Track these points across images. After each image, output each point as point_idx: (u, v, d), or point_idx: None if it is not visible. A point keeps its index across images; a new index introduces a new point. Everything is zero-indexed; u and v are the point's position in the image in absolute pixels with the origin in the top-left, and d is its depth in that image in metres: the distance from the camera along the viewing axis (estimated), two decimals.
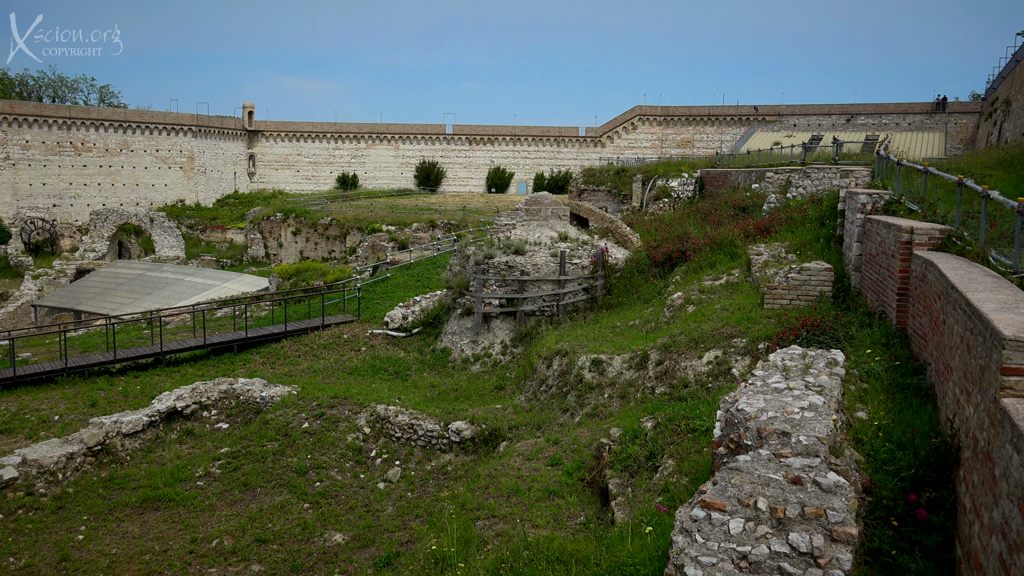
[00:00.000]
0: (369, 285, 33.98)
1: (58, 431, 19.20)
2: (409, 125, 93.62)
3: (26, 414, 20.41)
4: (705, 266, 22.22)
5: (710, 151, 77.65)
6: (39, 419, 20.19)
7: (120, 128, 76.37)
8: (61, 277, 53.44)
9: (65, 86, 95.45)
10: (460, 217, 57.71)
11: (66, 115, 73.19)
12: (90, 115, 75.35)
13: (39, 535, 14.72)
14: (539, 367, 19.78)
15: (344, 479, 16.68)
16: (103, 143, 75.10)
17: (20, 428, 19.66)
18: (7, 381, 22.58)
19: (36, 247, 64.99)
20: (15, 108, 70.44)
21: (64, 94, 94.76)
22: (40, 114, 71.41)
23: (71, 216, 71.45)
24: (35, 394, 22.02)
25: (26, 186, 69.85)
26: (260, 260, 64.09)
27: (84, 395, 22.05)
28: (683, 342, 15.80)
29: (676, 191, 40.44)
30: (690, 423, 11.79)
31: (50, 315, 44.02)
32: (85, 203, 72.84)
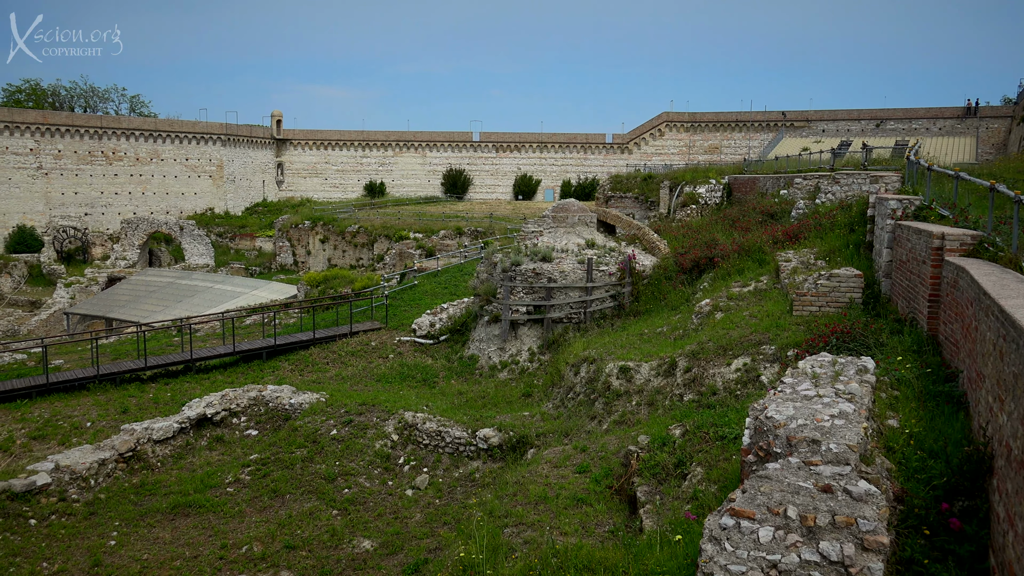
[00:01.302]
0: (396, 292, 34.14)
1: (90, 438, 19.46)
2: (436, 133, 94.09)
3: (59, 420, 20.72)
4: (733, 273, 22.07)
5: (738, 157, 77.21)
6: (71, 425, 20.49)
7: (150, 137, 77.53)
8: (93, 285, 54.29)
9: (96, 96, 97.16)
10: (487, 224, 57.83)
11: (97, 124, 74.42)
12: (121, 124, 76.54)
13: (72, 540, 14.94)
14: (566, 374, 19.75)
15: (372, 486, 16.76)
16: (134, 152, 76.28)
17: (53, 434, 19.97)
18: (40, 388, 22.95)
19: (68, 255, 66.12)
20: (48, 118, 71.79)
21: (96, 104, 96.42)
22: (72, 124, 72.67)
23: (102, 225, 72.60)
24: (67, 401, 22.36)
25: (58, 195, 71.11)
26: (288, 268, 64.66)
27: (115, 402, 22.34)
28: (711, 349, 15.71)
29: (704, 197, 40.24)
30: (719, 431, 11.72)
31: (82, 322, 44.72)
32: (116, 212, 74.00)
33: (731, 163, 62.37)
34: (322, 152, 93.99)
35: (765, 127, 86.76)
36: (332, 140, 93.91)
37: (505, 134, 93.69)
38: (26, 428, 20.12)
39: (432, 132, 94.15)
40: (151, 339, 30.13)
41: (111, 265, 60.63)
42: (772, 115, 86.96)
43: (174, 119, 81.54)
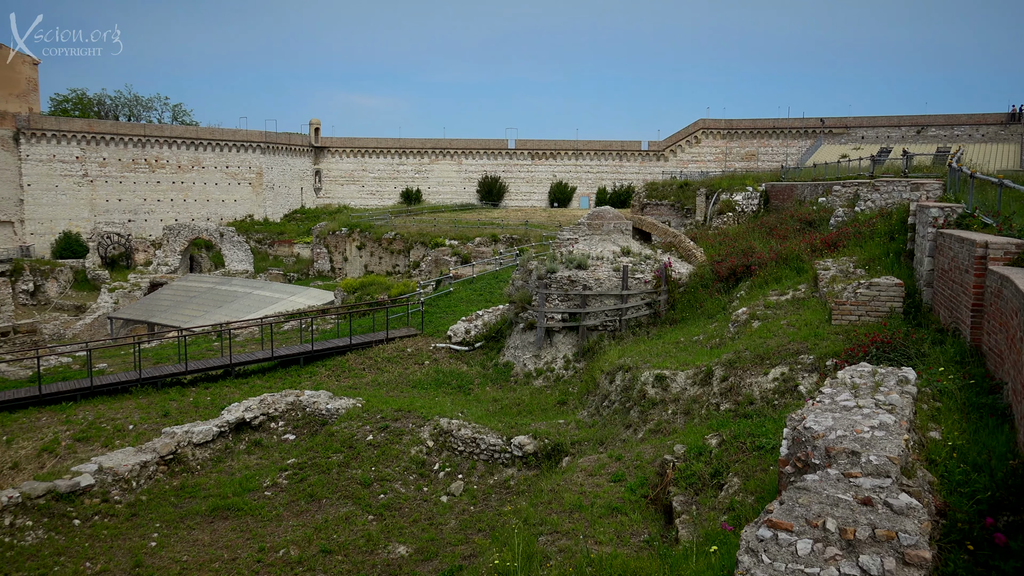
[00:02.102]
0: (432, 299, 34.34)
1: (132, 440, 19.84)
2: (471, 140, 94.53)
3: (102, 423, 21.16)
4: (771, 281, 21.85)
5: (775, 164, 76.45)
6: (114, 428, 20.90)
7: (192, 145, 78.96)
8: (135, 290, 55.37)
9: (140, 105, 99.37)
10: (522, 231, 57.94)
11: (141, 133, 76.01)
12: (163, 133, 78.10)
13: (114, 541, 15.23)
14: (602, 382, 19.70)
15: (408, 492, 16.85)
16: (176, 160, 77.75)
17: (97, 436, 20.39)
18: (85, 391, 23.46)
19: (112, 261, 67.53)
20: (93, 127, 73.52)
21: (139, 113, 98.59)
22: (116, 132, 74.34)
23: (145, 231, 74.06)
24: (111, 404, 22.81)
25: (103, 202, 72.70)
26: (326, 274, 65.35)
27: (157, 405, 22.75)
28: (748, 358, 15.56)
29: (740, 205, 39.91)
30: (756, 440, 11.60)
31: (125, 327, 45.60)
32: (158, 218, 75.45)
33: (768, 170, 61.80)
34: (359, 159, 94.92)
35: (803, 134, 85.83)
36: (369, 148, 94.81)
37: (540, 141, 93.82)
38: (71, 430, 20.58)
39: (468, 139, 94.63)
40: (192, 344, 30.63)
41: (153, 271, 61.80)
42: (810, 122, 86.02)
43: (215, 127, 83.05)
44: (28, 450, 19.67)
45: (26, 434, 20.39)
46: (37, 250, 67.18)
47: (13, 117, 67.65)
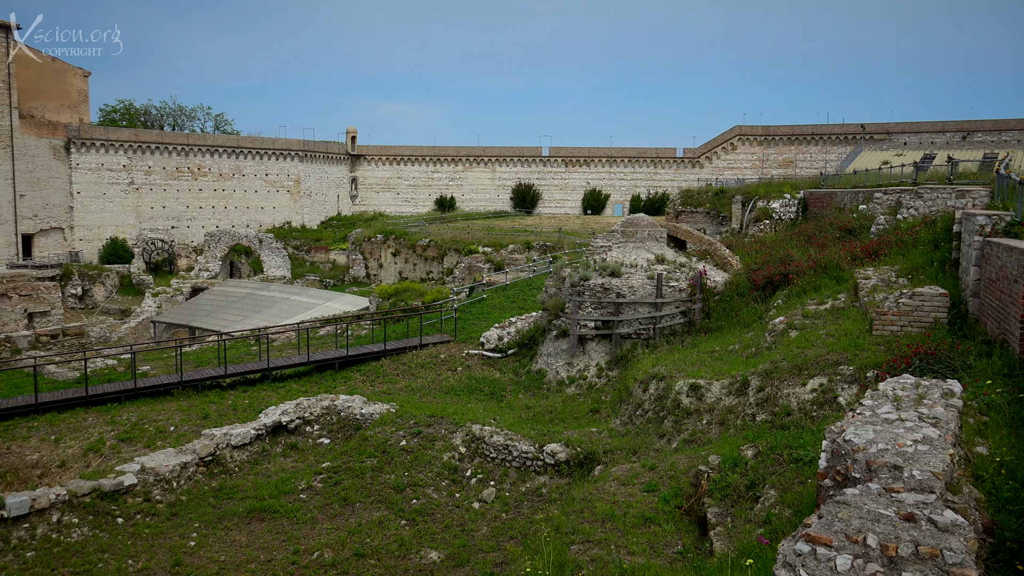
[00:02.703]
0: (465, 306, 34.43)
1: (173, 441, 20.17)
2: (505, 148, 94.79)
3: (145, 424, 21.55)
4: (809, 290, 21.55)
5: (813, 171, 75.56)
6: (156, 429, 21.27)
7: (233, 154, 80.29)
8: (178, 295, 56.31)
9: (184, 115, 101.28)
10: (556, 239, 57.88)
11: (184, 142, 77.51)
12: (206, 142, 79.56)
13: (155, 540, 15.49)
14: (635, 391, 19.57)
15: (440, 497, 16.89)
16: (217, 168, 79.10)
17: (139, 437, 20.77)
18: (129, 392, 23.92)
19: (156, 266, 68.84)
20: (140, 136, 75.10)
21: (183, 122, 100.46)
22: (161, 141, 75.87)
23: (187, 237, 75.39)
24: (153, 405, 23.22)
25: (148, 209, 74.18)
26: (361, 280, 65.90)
27: (197, 407, 23.10)
28: (785, 368, 15.35)
29: (777, 213, 39.47)
30: (793, 452, 11.43)
31: (167, 330, 46.38)
32: (200, 225, 76.78)
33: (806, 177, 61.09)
34: (394, 167, 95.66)
35: (843, 140, 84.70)
36: (404, 156, 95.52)
37: (574, 149, 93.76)
38: (115, 430, 20.99)
39: (501, 147, 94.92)
40: (231, 348, 31.06)
41: (195, 276, 62.83)
42: (850, 128, 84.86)
43: (255, 136, 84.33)
44: (75, 449, 20.10)
45: (73, 434, 20.85)
46: (85, 255, 68.72)
47: (64, 127, 69.35)
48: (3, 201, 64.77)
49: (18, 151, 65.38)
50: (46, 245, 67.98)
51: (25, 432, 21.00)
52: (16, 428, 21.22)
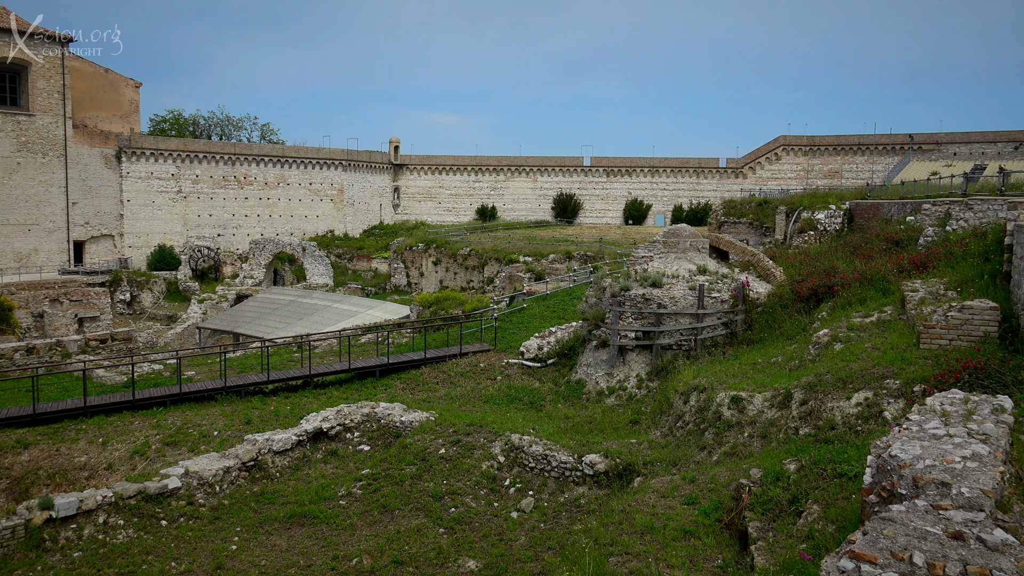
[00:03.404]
0: (505, 315, 34.48)
1: (216, 446, 20.48)
2: (547, 157, 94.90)
3: (189, 428, 21.93)
4: (854, 302, 21.20)
5: (860, 182, 74.37)
6: (200, 434, 21.63)
7: (278, 163, 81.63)
8: (223, 302, 57.31)
9: (231, 124, 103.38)
10: (597, 249, 57.74)
11: (231, 151, 79.02)
12: (252, 151, 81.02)
13: (197, 543, 15.73)
14: (675, 402, 19.41)
15: (478, 506, 16.90)
16: (263, 177, 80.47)
17: (184, 441, 21.14)
18: (174, 397, 24.38)
19: (202, 273, 70.20)
20: (188, 146, 76.79)
21: (230, 132, 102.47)
22: (209, 151, 77.46)
23: (233, 245, 76.75)
24: (197, 410, 23.63)
25: (195, 217, 75.72)
26: (402, 288, 66.42)
27: (240, 413, 23.45)
28: (830, 381, 15.11)
29: (822, 223, 38.90)
30: (837, 467, 11.23)
31: (212, 336, 47.22)
32: (245, 233, 78.14)
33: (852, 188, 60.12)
34: (436, 176, 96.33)
35: (890, 150, 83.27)
36: (446, 165, 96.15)
37: (616, 158, 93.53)
38: (160, 434, 21.40)
39: (543, 157, 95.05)
40: (273, 354, 31.50)
41: (239, 283, 63.91)
42: (898, 138, 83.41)
43: (300, 146, 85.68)
44: (121, 452, 20.54)
45: (120, 436, 21.30)
46: (134, 262, 70.35)
47: (116, 137, 71.21)
48: (56, 209, 66.63)
49: (71, 160, 67.26)
50: (97, 252, 69.73)
51: (74, 434, 21.51)
52: (65, 430, 21.75)
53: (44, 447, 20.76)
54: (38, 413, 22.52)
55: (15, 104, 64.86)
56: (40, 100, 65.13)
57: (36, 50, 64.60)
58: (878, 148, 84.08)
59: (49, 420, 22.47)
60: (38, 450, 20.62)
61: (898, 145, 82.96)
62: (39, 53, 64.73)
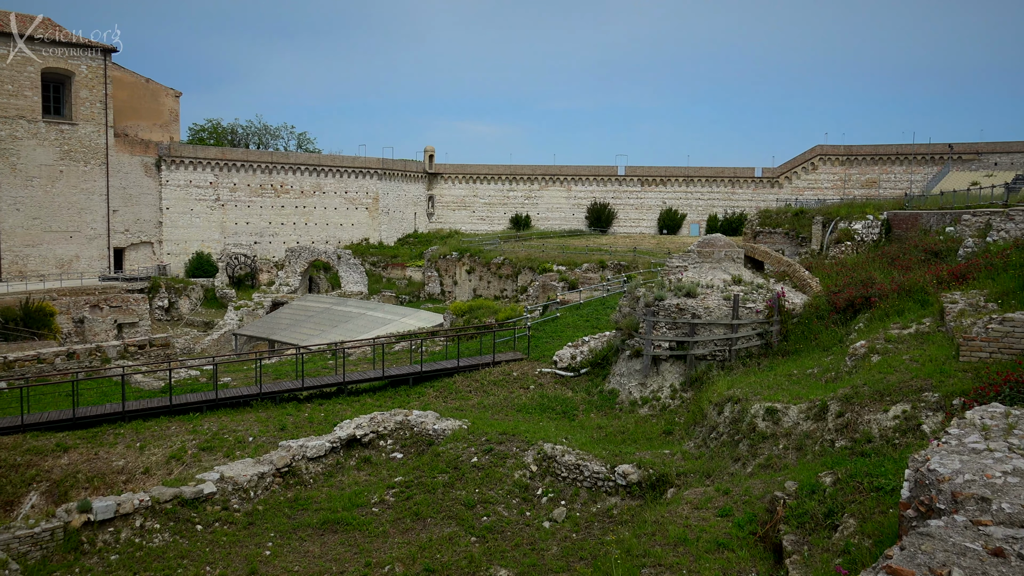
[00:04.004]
0: (539, 324, 34.48)
1: (251, 452, 20.71)
2: (581, 167, 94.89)
3: (225, 434, 22.20)
4: (892, 314, 20.90)
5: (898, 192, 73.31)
6: (236, 439, 21.89)
7: (314, 172, 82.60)
8: (259, 308, 58.02)
9: (268, 133, 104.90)
10: (630, 258, 57.55)
11: (268, 160, 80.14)
12: (289, 160, 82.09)
13: (232, 548, 15.93)
14: (709, 413, 19.26)
15: (510, 515, 16.90)
16: (299, 185, 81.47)
17: (219, 447, 21.41)
18: (210, 403, 24.71)
19: (238, 280, 71.17)
20: (226, 155, 78.03)
21: (267, 141, 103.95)
22: (247, 159, 78.64)
23: (269, 252, 77.72)
24: (233, 416, 23.92)
25: (232, 224, 76.85)
26: (436, 297, 66.74)
27: (275, 419, 23.69)
28: (866, 394, 14.90)
29: (859, 234, 38.39)
30: (874, 481, 11.07)
31: (248, 343, 47.81)
32: (281, 241, 79.11)
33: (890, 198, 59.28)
34: (470, 185, 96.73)
35: (929, 160, 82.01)
36: (480, 174, 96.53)
37: (650, 168, 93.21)
38: (197, 439, 21.71)
39: (577, 166, 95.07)
40: (308, 361, 31.80)
41: (275, 290, 64.67)
42: (937, 147, 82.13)
43: (336, 155, 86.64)
44: (158, 457, 20.86)
45: (157, 441, 21.65)
46: (172, 269, 71.56)
47: (156, 145, 72.61)
48: (98, 216, 68.05)
49: (112, 168, 68.69)
50: (136, 259, 71.05)
51: (112, 439, 21.90)
52: (104, 435, 22.14)
53: (83, 451, 21.16)
54: (78, 417, 22.97)
55: (59, 113, 66.44)
56: (83, 109, 66.65)
57: (79, 60, 66.14)
58: (917, 158, 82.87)
59: (88, 424, 22.90)
60: (77, 454, 21.03)
61: (937, 155, 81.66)
62: (82, 63, 66.27)
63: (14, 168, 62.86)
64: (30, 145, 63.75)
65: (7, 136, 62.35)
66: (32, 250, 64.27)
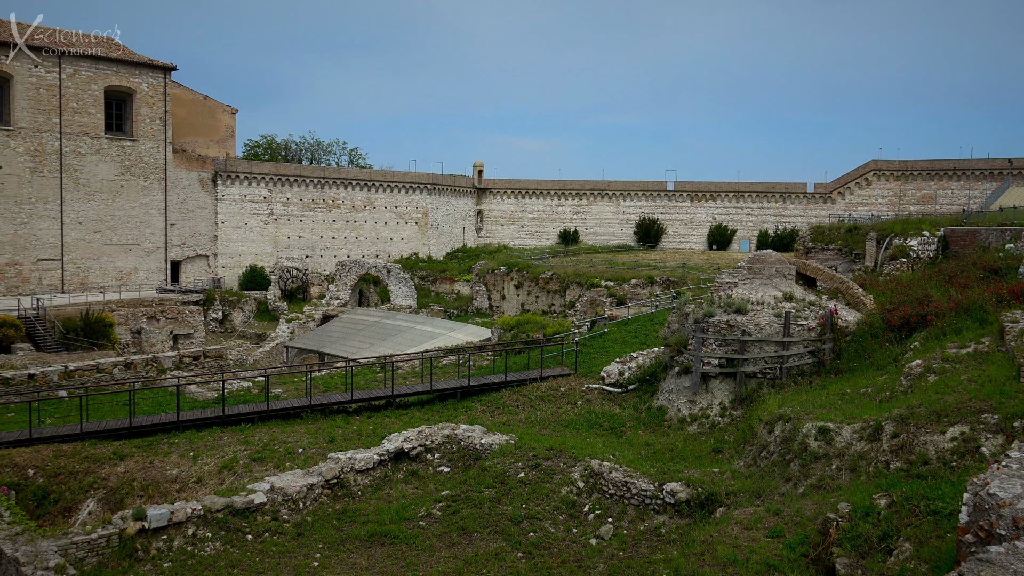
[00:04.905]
0: (586, 339, 34.38)
1: (301, 463, 20.98)
2: (630, 182, 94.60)
3: (275, 445, 22.56)
4: (949, 332, 20.38)
5: (955, 208, 71.63)
6: (286, 450, 22.23)
7: (365, 186, 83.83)
8: (309, 321, 58.90)
9: (321, 149, 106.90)
10: (679, 274, 57.08)
11: (320, 175, 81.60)
12: (340, 175, 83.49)
13: (281, 558, 16.13)
14: (760, 431, 18.97)
15: (557, 532, 16.83)
16: (350, 200, 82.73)
17: (270, 457, 21.76)
18: (262, 414, 25.15)
19: (290, 293, 72.44)
20: (280, 170, 79.67)
21: (320, 156, 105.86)
22: (299, 174, 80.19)
23: (320, 266, 78.95)
24: (283, 427, 24.29)
25: (285, 238, 78.30)
26: (484, 311, 66.98)
27: (324, 431, 23.99)
28: (923, 414, 14.54)
29: (915, 251, 37.53)
30: (930, 504, 10.80)
31: (299, 355, 48.54)
32: (332, 255, 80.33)
33: (947, 214, 57.92)
34: (519, 200, 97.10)
35: (988, 175, 79.96)
36: (529, 189, 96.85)
37: (700, 183, 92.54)
38: (248, 450, 22.10)
39: (626, 181, 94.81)
40: (357, 374, 32.17)
41: (326, 304, 65.62)
42: (996, 163, 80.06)
43: (386, 170, 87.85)
44: (211, 466, 21.28)
45: (210, 451, 22.09)
46: (226, 282, 73.13)
47: (212, 161, 74.50)
48: (156, 230, 69.95)
49: (170, 183, 70.63)
50: (191, 271, 72.78)
51: (167, 448, 22.41)
52: (159, 444, 22.68)
53: (139, 459, 21.69)
54: (134, 426, 23.57)
55: (120, 130, 68.61)
56: (143, 126, 68.75)
57: (141, 78, 68.30)
58: (975, 173, 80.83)
59: (144, 433, 23.48)
60: (133, 462, 21.56)
61: (996, 170, 79.56)
62: (144, 81, 68.40)
63: (77, 183, 65.03)
64: (93, 160, 65.91)
65: (71, 152, 64.56)
66: (93, 262, 66.29)
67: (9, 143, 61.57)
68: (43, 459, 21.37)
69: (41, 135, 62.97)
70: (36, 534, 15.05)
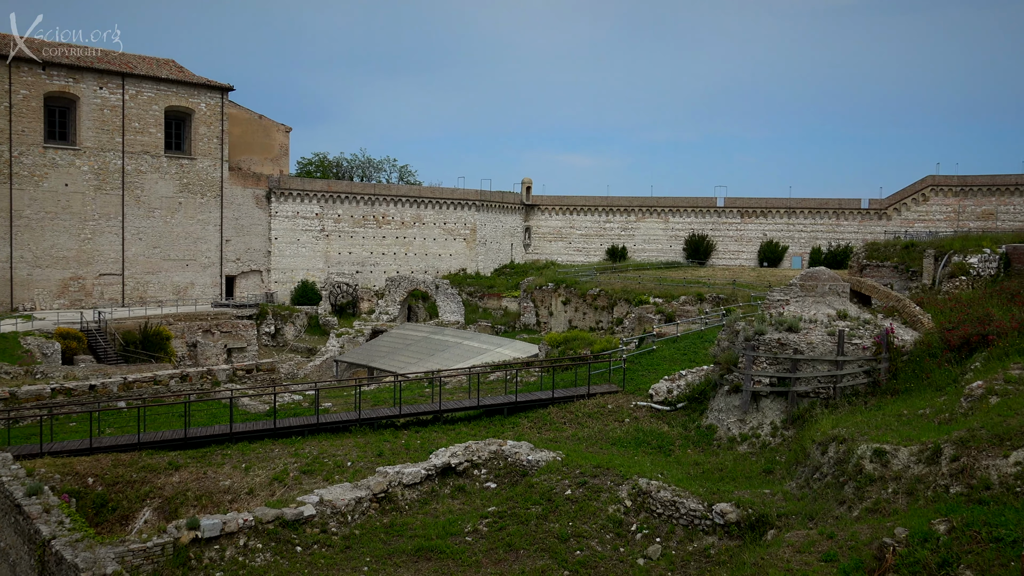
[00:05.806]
0: (634, 356, 34.12)
1: (350, 476, 21.18)
2: (679, 198, 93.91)
3: (324, 458, 22.81)
4: (1012, 353, 19.75)
5: (1018, 224, 69.60)
6: (335, 464, 22.46)
7: (414, 203, 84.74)
8: (359, 336, 59.58)
9: (372, 166, 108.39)
10: (729, 291, 56.38)
11: (371, 192, 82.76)
12: (390, 192, 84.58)
13: (329, 570, 16.28)
14: (812, 453, 18.58)
15: (604, 551, 16.69)
16: (399, 217, 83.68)
17: (319, 470, 22.01)
18: (312, 427, 25.47)
19: (340, 308, 73.42)
20: (331, 187, 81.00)
21: (371, 173, 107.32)
22: (350, 191, 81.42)
23: (370, 282, 79.91)
24: (333, 440, 24.56)
25: (335, 254, 79.46)
26: (531, 327, 66.97)
27: (372, 445, 24.19)
28: (984, 437, 14.10)
29: (975, 268, 36.50)
30: (993, 531, 10.45)
31: (348, 370, 49.10)
32: (382, 270, 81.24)
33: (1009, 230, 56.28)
34: (567, 217, 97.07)
35: None
36: (577, 206, 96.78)
37: (750, 199, 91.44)
38: (298, 462, 22.39)
39: (675, 197, 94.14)
40: (405, 389, 32.39)
41: (375, 319, 66.34)
42: None
43: (435, 187, 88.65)
44: (262, 478, 21.61)
45: (261, 463, 22.44)
46: (279, 297, 74.44)
47: (266, 178, 76.12)
48: (212, 246, 71.61)
49: (226, 200, 72.32)
50: (245, 286, 74.25)
51: (220, 459, 22.82)
52: (212, 455, 23.12)
53: (193, 469, 22.13)
54: (189, 437, 24.09)
55: (179, 148, 70.59)
56: (201, 144, 70.62)
57: (199, 99, 70.25)
58: None
59: (198, 444, 23.97)
60: (187, 472, 22.01)
61: None
62: (202, 101, 70.34)
63: (138, 200, 66.99)
64: (152, 178, 67.86)
65: (133, 170, 66.57)
66: (152, 277, 68.09)
67: (75, 162, 63.75)
68: (102, 468, 21.94)
69: (104, 154, 65.08)
70: (95, 541, 15.41)
